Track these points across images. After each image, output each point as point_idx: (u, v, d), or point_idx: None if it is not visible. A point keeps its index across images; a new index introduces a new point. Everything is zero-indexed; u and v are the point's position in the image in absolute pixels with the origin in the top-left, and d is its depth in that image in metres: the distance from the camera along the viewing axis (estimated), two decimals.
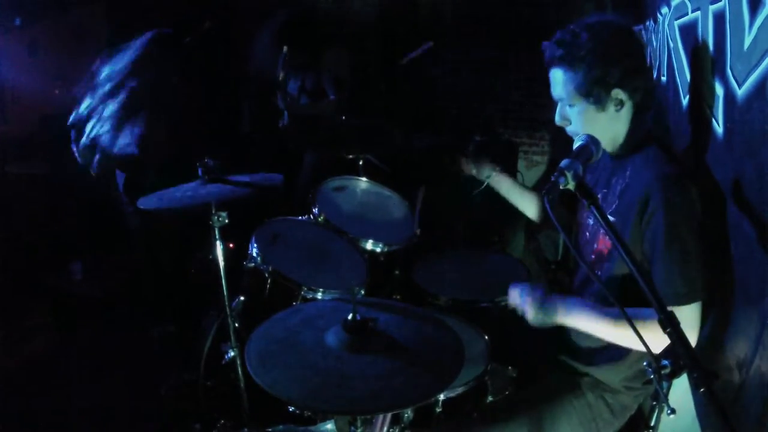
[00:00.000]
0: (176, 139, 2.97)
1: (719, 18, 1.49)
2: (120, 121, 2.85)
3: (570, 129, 1.62)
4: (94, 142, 2.85)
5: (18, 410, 2.70)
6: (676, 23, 1.96)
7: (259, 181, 2.03)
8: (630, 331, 1.12)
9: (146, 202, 1.90)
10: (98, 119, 2.87)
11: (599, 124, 1.56)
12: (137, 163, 2.90)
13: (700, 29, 1.68)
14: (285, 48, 3.82)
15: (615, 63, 1.49)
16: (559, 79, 1.56)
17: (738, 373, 1.33)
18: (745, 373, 1.29)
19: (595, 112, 1.55)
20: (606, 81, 1.50)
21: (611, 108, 1.54)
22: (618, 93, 1.53)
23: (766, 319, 1.21)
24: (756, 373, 1.24)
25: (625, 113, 1.57)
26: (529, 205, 2.16)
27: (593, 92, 1.52)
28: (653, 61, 2.41)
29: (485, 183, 2.19)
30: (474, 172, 2.22)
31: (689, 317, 1.41)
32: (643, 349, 1.10)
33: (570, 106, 1.58)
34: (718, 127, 1.50)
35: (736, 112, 1.36)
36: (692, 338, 1.41)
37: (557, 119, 1.62)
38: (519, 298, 1.64)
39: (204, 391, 2.25)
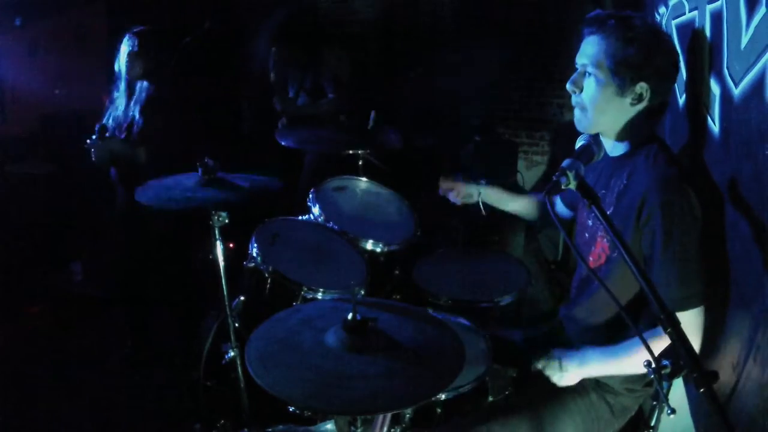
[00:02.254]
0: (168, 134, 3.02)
1: (716, 17, 1.49)
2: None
3: (576, 99, 1.60)
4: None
5: (18, 410, 2.70)
6: (674, 23, 1.96)
7: (258, 185, 2.04)
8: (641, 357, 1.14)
9: (144, 196, 1.90)
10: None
11: (611, 106, 1.54)
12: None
13: (697, 29, 1.68)
14: (273, 49, 3.82)
15: (655, 58, 1.48)
16: (593, 47, 1.53)
17: (733, 372, 1.33)
18: (740, 373, 1.30)
19: (613, 93, 1.52)
20: (638, 69, 1.49)
21: (629, 98, 1.52)
22: (642, 87, 1.51)
23: (760, 319, 1.21)
24: (751, 373, 1.24)
25: (637, 110, 1.55)
26: (524, 210, 2.16)
27: (622, 73, 1.49)
28: None
29: (481, 205, 2.18)
30: (463, 199, 2.20)
31: (690, 323, 1.40)
32: None
33: (589, 75, 1.54)
34: (715, 127, 1.50)
35: (733, 111, 1.36)
36: (695, 345, 1.41)
37: (568, 84, 1.59)
38: (544, 371, 1.69)
39: (204, 391, 2.25)
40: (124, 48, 2.97)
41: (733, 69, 1.36)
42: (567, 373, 1.64)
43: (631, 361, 1.52)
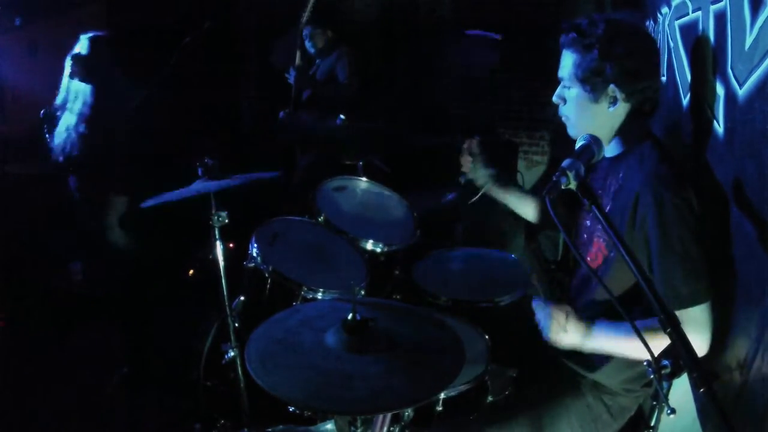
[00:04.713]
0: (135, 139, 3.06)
1: (720, 18, 1.49)
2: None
3: (563, 110, 1.66)
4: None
5: (18, 410, 2.70)
6: (677, 23, 1.96)
7: (257, 181, 2.04)
8: (652, 343, 1.10)
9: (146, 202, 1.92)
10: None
11: (590, 114, 1.59)
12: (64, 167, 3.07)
13: (700, 29, 1.68)
14: (307, 29, 3.85)
15: (615, 60, 1.50)
16: (566, 60, 1.59)
17: (739, 373, 1.33)
18: (746, 374, 1.29)
19: (588, 101, 1.57)
20: (603, 74, 1.52)
21: (604, 103, 1.56)
22: (614, 90, 1.53)
23: (767, 319, 1.21)
24: (757, 374, 1.24)
25: (619, 112, 1.57)
26: (528, 210, 2.15)
27: (589, 81, 1.54)
28: None
29: (481, 192, 2.15)
30: (472, 174, 2.17)
31: (697, 319, 1.40)
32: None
33: (567, 88, 1.61)
34: (719, 127, 1.50)
35: (737, 111, 1.36)
36: (703, 341, 1.40)
37: (554, 97, 1.66)
38: (542, 317, 1.58)
39: (204, 391, 2.25)
40: (78, 49, 3.03)
41: (738, 69, 1.36)
42: (566, 334, 1.52)
43: (638, 345, 1.48)
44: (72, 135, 3.03)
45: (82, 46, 3.04)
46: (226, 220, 1.97)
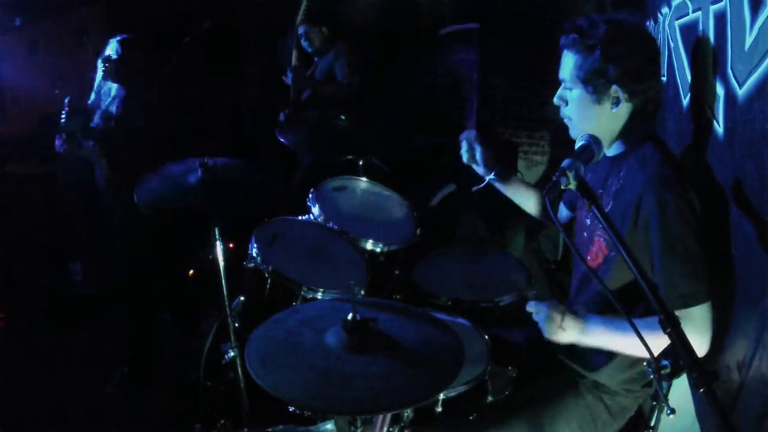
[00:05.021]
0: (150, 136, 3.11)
1: (720, 18, 1.49)
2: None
3: (564, 111, 1.64)
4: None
5: (17, 410, 2.70)
6: (677, 23, 1.96)
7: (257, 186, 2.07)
8: (650, 342, 1.10)
9: (141, 197, 1.94)
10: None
11: (593, 115, 1.58)
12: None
13: (700, 29, 1.68)
14: (302, 29, 3.85)
15: (617, 61, 1.49)
16: (567, 62, 1.58)
17: (738, 373, 1.33)
18: (745, 374, 1.29)
19: (590, 102, 1.56)
20: (606, 75, 1.51)
21: (607, 103, 1.55)
22: (616, 91, 1.53)
23: (766, 319, 1.21)
24: (756, 374, 1.24)
25: (622, 113, 1.57)
26: (530, 203, 2.15)
27: (592, 82, 1.53)
28: None
29: (486, 181, 2.14)
30: (476, 166, 2.12)
31: (698, 319, 1.40)
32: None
33: (569, 89, 1.60)
34: (719, 127, 1.50)
35: (737, 112, 1.36)
36: (704, 341, 1.40)
37: (555, 98, 1.65)
38: (540, 318, 1.58)
39: (204, 391, 2.25)
40: (109, 52, 3.10)
41: (737, 70, 1.36)
42: (564, 332, 1.53)
43: (635, 341, 1.48)
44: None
45: (112, 49, 3.13)
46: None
